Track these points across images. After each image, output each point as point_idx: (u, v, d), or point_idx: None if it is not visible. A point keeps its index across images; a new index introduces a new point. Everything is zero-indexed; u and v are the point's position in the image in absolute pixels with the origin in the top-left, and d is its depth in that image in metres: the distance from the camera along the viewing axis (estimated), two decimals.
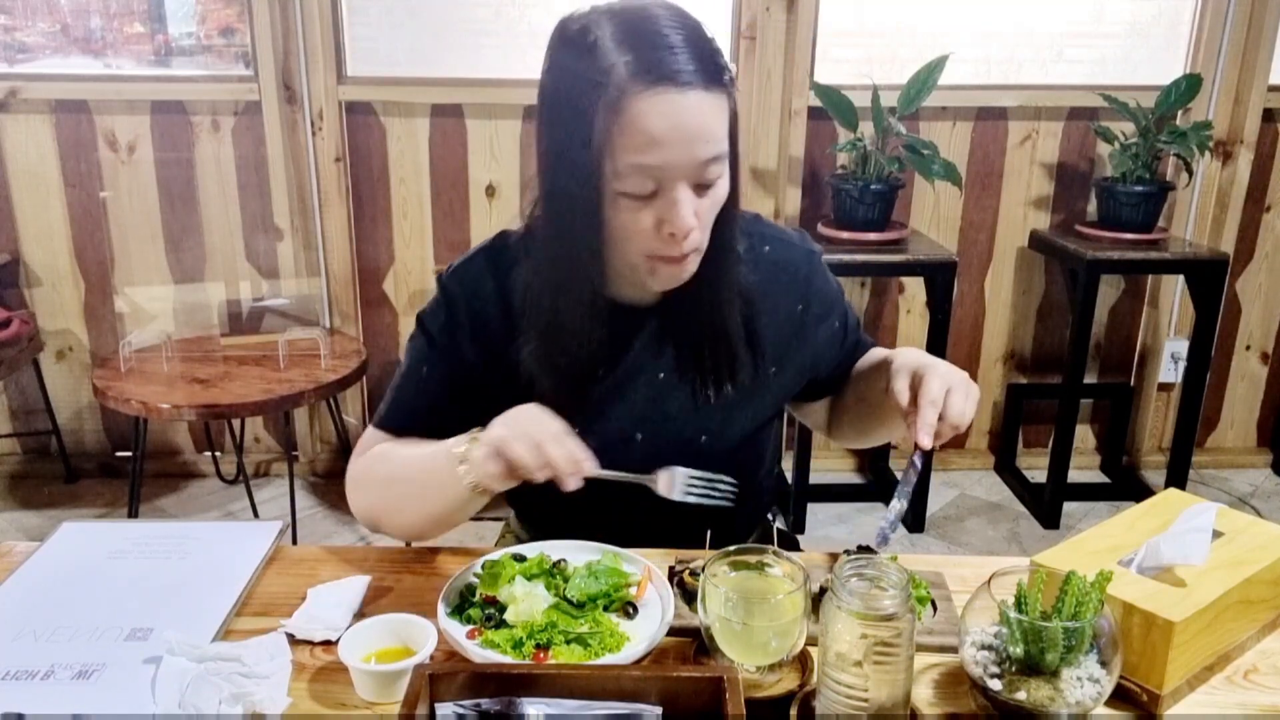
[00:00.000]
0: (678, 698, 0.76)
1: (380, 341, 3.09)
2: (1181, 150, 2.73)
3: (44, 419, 3.06)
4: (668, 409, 1.15)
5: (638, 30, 0.94)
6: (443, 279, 1.16)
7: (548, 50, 1.02)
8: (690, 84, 0.93)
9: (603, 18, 0.96)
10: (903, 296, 3.13)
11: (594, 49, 0.94)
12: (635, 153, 0.94)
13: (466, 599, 1.01)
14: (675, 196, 0.96)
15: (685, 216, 0.96)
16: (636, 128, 0.93)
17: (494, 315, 1.13)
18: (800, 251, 1.21)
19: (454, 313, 1.14)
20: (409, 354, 1.19)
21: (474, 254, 1.17)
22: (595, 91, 0.93)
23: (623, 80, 0.92)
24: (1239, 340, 3.24)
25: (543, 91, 1.01)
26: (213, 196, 2.92)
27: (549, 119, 1.00)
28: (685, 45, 0.94)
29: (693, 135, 0.94)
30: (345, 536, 2.83)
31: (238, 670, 0.90)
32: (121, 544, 1.16)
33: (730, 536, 1.26)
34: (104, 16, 2.78)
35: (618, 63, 0.93)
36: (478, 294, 1.14)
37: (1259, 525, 1.05)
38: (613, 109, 0.92)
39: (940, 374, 1.02)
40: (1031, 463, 3.23)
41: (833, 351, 1.25)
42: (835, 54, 2.88)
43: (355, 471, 1.18)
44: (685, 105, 0.93)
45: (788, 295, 1.19)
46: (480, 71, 2.86)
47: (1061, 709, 0.84)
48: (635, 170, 0.94)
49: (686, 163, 0.95)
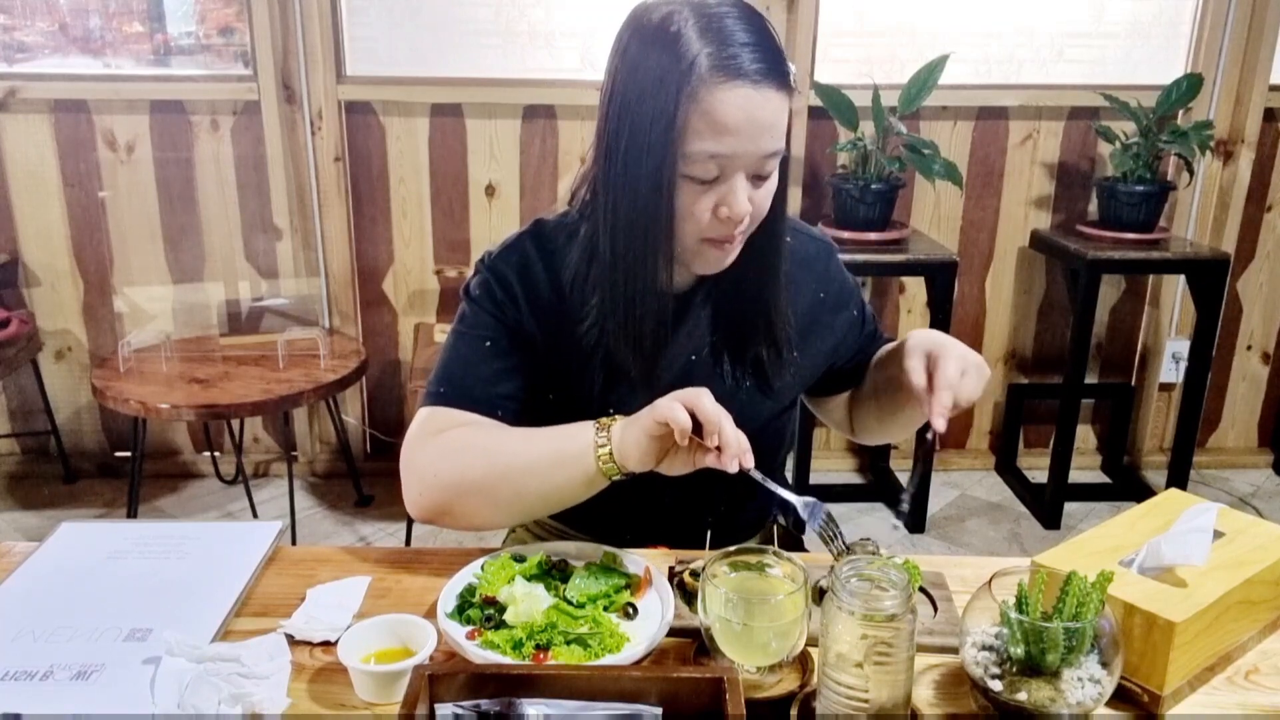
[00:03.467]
0: (678, 698, 0.76)
1: (380, 341, 3.09)
2: (1182, 150, 2.73)
3: (43, 419, 3.06)
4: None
5: (718, 26, 0.99)
6: (490, 261, 1.18)
7: (622, 36, 1.05)
8: (762, 81, 0.99)
9: (684, 9, 1.01)
10: (903, 296, 3.13)
11: (677, 39, 0.99)
12: (707, 140, 0.99)
13: (466, 599, 1.01)
14: (735, 183, 1.02)
15: (742, 202, 1.03)
16: (713, 117, 0.98)
17: (547, 294, 1.15)
18: (820, 244, 1.27)
19: (509, 290, 1.15)
20: (465, 330, 1.17)
21: (517, 238, 1.19)
22: (677, 79, 0.98)
23: (704, 71, 0.98)
24: (1240, 340, 3.24)
25: (616, 76, 1.04)
26: (212, 196, 2.92)
27: (624, 102, 1.02)
28: (760, 44, 1.00)
29: (762, 128, 1.00)
30: (345, 536, 2.83)
31: (237, 671, 0.90)
32: (121, 544, 1.16)
33: (739, 530, 1.27)
34: (103, 16, 2.78)
35: (700, 54, 0.98)
36: (529, 272, 1.16)
37: (1260, 525, 1.05)
38: (692, 97, 0.98)
39: (956, 356, 1.05)
40: (1032, 463, 3.23)
41: (852, 339, 1.29)
42: (835, 54, 2.88)
43: (434, 451, 1.10)
44: (759, 100, 0.99)
45: (809, 284, 1.23)
46: (480, 71, 2.86)
47: (1062, 709, 0.84)
48: (704, 156, 1.00)
49: (752, 153, 1.01)
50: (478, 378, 1.14)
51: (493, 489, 1.08)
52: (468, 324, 1.17)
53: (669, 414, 0.96)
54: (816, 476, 3.08)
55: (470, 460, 1.09)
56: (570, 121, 2.88)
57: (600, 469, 1.03)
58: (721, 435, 0.97)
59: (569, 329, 1.14)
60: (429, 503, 1.11)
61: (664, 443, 1.01)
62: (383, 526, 2.89)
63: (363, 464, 3.13)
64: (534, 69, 2.87)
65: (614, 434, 1.03)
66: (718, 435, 0.97)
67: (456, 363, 1.16)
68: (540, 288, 1.15)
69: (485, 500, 1.09)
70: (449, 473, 1.09)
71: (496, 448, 1.09)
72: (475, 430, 1.11)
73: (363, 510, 2.98)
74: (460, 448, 1.10)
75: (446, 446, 1.10)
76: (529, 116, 2.88)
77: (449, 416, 1.13)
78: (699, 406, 0.97)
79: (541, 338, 1.16)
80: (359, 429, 3.15)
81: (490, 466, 1.08)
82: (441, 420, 1.13)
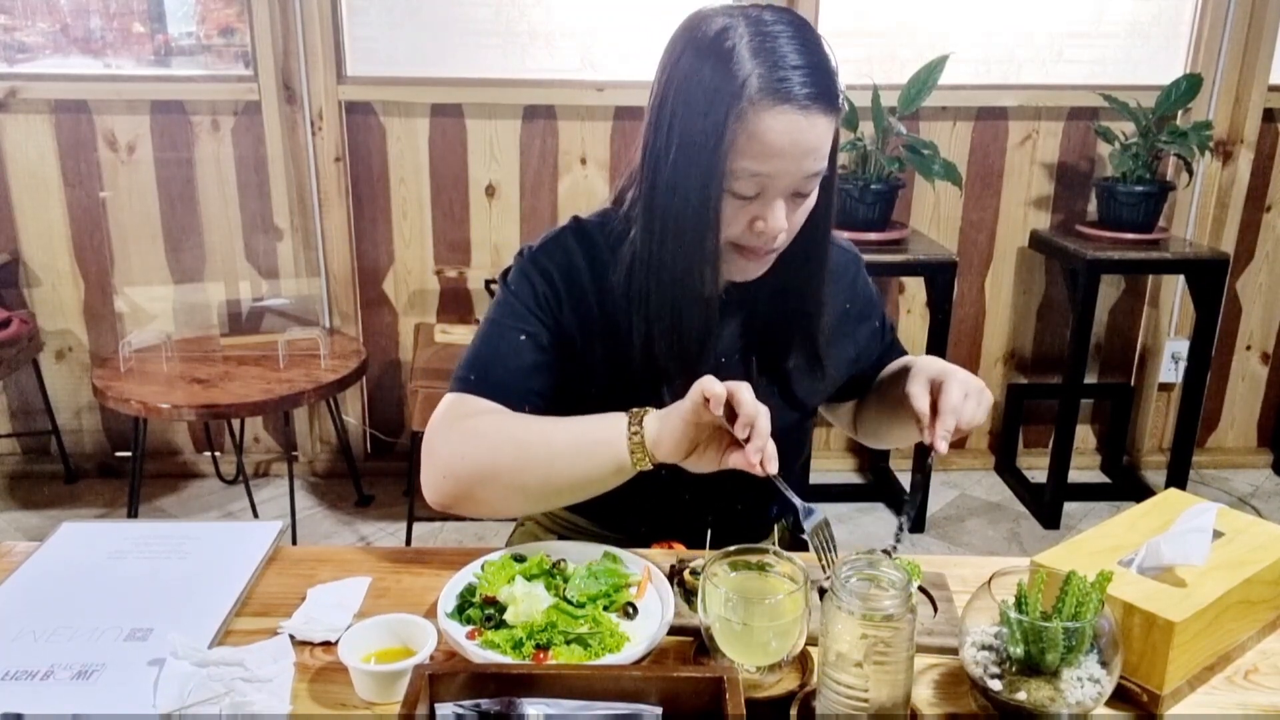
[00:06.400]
0: (678, 698, 0.76)
1: (380, 341, 3.09)
2: (1182, 150, 2.73)
3: (44, 419, 3.06)
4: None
5: (772, 46, 1.00)
6: (531, 254, 1.17)
7: (676, 43, 1.05)
8: (809, 106, 0.99)
9: (740, 23, 1.01)
10: (903, 296, 3.13)
11: (731, 56, 0.99)
12: (751, 159, 1.00)
13: (466, 599, 1.01)
14: (774, 201, 1.04)
15: (779, 219, 1.04)
16: (758, 138, 0.99)
17: (590, 292, 1.15)
18: (848, 254, 1.29)
19: (551, 284, 1.15)
20: (500, 320, 1.16)
21: (558, 233, 1.19)
22: (727, 98, 0.98)
23: (753, 92, 0.98)
24: (1239, 340, 3.24)
25: (668, 83, 1.04)
26: (212, 196, 2.92)
27: (674, 111, 1.03)
28: (813, 68, 1.00)
29: (805, 152, 1.01)
30: (345, 536, 2.83)
31: (240, 675, 0.90)
32: (121, 544, 1.16)
33: (750, 533, 1.28)
34: (104, 16, 2.78)
35: (751, 75, 0.98)
36: (573, 268, 1.16)
37: (1259, 525, 1.05)
38: (740, 118, 0.99)
39: (959, 381, 1.07)
40: (1032, 463, 3.23)
41: (873, 349, 1.31)
42: (835, 54, 2.87)
43: (458, 436, 1.09)
44: (804, 125, 1.00)
45: (837, 295, 1.24)
46: (480, 71, 2.86)
47: (1062, 709, 0.84)
48: (747, 174, 1.01)
49: (794, 174, 1.02)
50: (508, 369, 1.13)
51: (520, 476, 1.07)
52: (503, 313, 1.16)
53: (706, 383, 0.96)
54: (816, 476, 3.08)
55: (499, 446, 1.07)
56: (570, 121, 2.88)
57: (632, 459, 1.03)
58: (755, 427, 0.96)
59: (610, 329, 1.14)
60: (451, 488, 1.09)
61: (697, 432, 1.00)
62: (383, 526, 2.89)
63: (363, 464, 3.13)
64: (534, 69, 2.87)
65: (647, 424, 1.03)
66: (750, 427, 0.96)
67: (488, 352, 1.15)
68: (583, 286, 1.15)
69: (511, 487, 1.08)
70: (476, 459, 1.07)
71: (526, 435, 1.08)
72: (503, 417, 1.10)
73: (363, 510, 2.98)
74: (488, 433, 1.08)
75: (473, 432, 1.08)
76: (529, 116, 2.88)
77: (475, 405, 1.11)
78: (738, 395, 0.96)
79: (580, 336, 1.15)
80: (359, 429, 3.15)
81: (520, 453, 1.07)
82: (467, 407, 1.11)
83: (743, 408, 0.96)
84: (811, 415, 1.30)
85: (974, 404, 1.08)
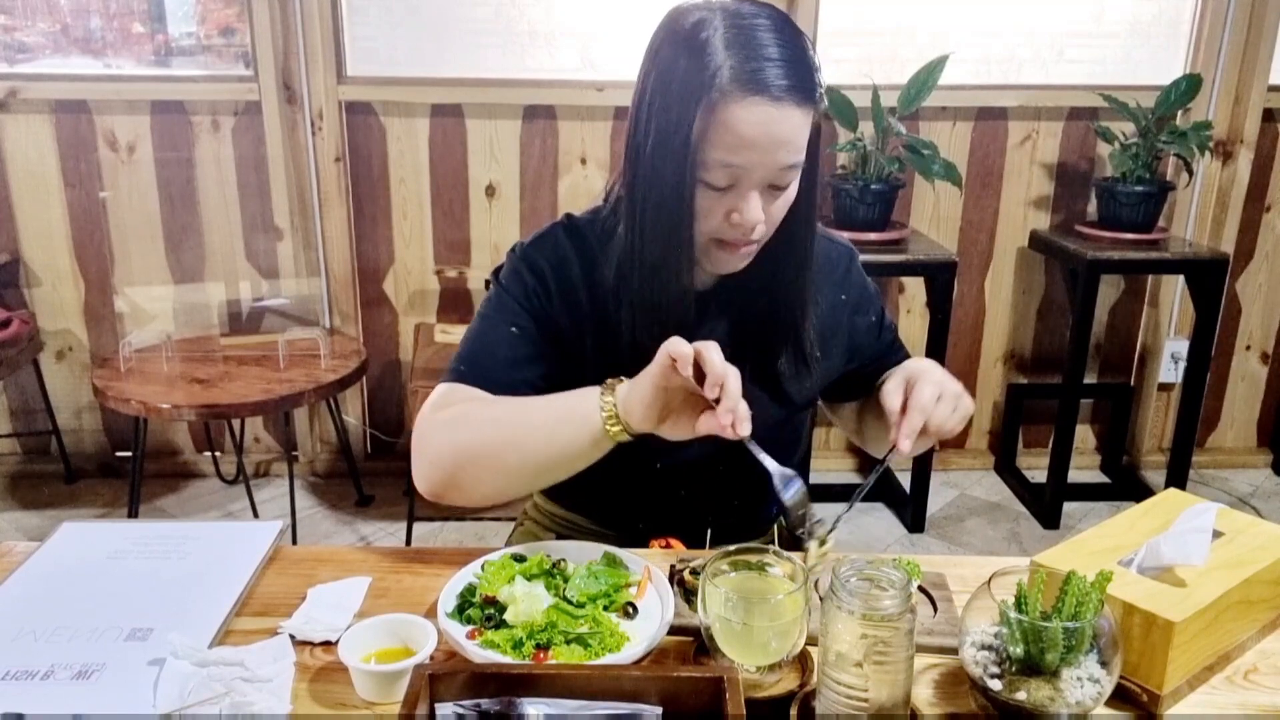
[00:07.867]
0: (678, 698, 0.76)
1: (380, 341, 3.09)
2: (1181, 150, 2.73)
3: (44, 419, 3.06)
4: None
5: (746, 38, 0.99)
6: (523, 250, 1.19)
7: (658, 36, 1.06)
8: (782, 98, 0.99)
9: (716, 17, 1.01)
10: (903, 296, 3.13)
11: (704, 48, 0.99)
12: (723, 150, 1.00)
13: (466, 599, 1.01)
14: (749, 193, 1.03)
15: (754, 211, 1.04)
16: (728, 129, 0.99)
17: (580, 285, 1.16)
18: (840, 248, 1.29)
19: (542, 279, 1.16)
20: (491, 314, 1.17)
21: (549, 230, 1.20)
22: (698, 89, 0.99)
23: (725, 83, 0.98)
24: (1239, 340, 3.24)
25: (647, 76, 1.05)
26: (212, 196, 2.92)
27: (651, 104, 1.04)
28: (787, 60, 1.00)
29: (778, 144, 1.01)
30: (345, 536, 2.83)
31: (240, 675, 0.90)
32: (121, 544, 1.16)
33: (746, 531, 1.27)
34: (104, 16, 2.78)
35: (723, 65, 0.98)
36: (563, 263, 1.17)
37: (1259, 525, 1.05)
38: (710, 108, 0.99)
39: (934, 381, 1.05)
40: (1031, 463, 3.23)
41: (871, 344, 1.30)
42: (835, 54, 2.88)
43: (444, 419, 1.10)
44: (776, 116, 0.99)
45: (830, 287, 1.24)
46: (480, 71, 2.86)
47: (1061, 709, 0.84)
48: (719, 165, 1.02)
49: (768, 166, 1.02)
50: (497, 361, 1.15)
51: (498, 454, 1.07)
52: (495, 308, 1.18)
53: (672, 344, 0.96)
54: (816, 476, 3.07)
55: (476, 426, 1.09)
56: (570, 121, 2.88)
57: (605, 428, 1.02)
58: (725, 387, 0.95)
59: (601, 324, 1.15)
60: (439, 475, 1.10)
61: (668, 396, 1.00)
62: (383, 526, 2.89)
63: (363, 464, 3.13)
64: (534, 69, 2.87)
65: (619, 392, 1.03)
66: (719, 387, 0.95)
67: (480, 345, 1.17)
68: (574, 281, 1.16)
69: (491, 467, 1.08)
70: (456, 441, 1.08)
71: (501, 414, 1.09)
72: (483, 402, 1.12)
73: (363, 510, 2.98)
74: (470, 417, 1.10)
75: (454, 418, 1.10)
76: (529, 117, 2.88)
77: (463, 394, 1.13)
78: (705, 354, 0.95)
79: (571, 330, 1.16)
80: (359, 429, 3.15)
81: (496, 431, 1.08)
82: (456, 397, 1.13)
83: (710, 367, 0.95)
84: (804, 410, 1.29)
85: (947, 407, 1.06)
